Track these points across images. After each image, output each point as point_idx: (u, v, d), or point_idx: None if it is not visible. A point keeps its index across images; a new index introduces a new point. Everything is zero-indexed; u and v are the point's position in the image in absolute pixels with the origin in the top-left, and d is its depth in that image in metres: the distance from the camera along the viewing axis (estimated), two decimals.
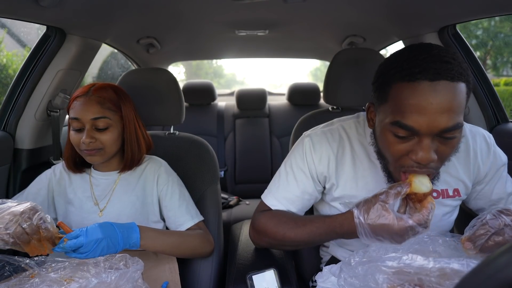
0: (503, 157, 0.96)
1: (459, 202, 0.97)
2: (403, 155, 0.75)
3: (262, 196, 1.03)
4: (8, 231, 0.76)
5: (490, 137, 0.96)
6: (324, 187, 0.99)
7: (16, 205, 0.81)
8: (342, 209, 0.96)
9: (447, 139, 0.72)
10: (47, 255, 0.84)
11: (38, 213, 0.81)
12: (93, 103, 1.02)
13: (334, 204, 0.98)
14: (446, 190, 0.93)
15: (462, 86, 0.69)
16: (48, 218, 0.83)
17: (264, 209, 1.01)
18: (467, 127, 0.96)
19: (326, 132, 0.97)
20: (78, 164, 1.13)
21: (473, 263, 0.66)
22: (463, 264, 0.66)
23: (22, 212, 0.78)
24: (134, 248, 0.92)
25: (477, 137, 0.94)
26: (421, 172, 0.75)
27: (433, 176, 0.81)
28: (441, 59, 0.69)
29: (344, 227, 0.82)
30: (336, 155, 0.94)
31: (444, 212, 0.95)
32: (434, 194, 0.93)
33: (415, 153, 0.73)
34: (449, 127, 0.69)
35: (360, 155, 0.94)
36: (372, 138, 0.89)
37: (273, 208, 0.99)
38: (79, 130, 1.02)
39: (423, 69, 0.68)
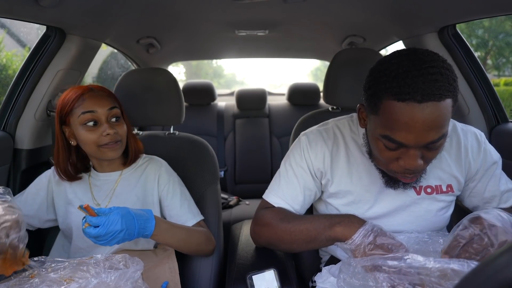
0: (495, 155, 0.98)
1: (453, 198, 0.99)
2: (392, 160, 0.81)
3: (264, 196, 1.04)
4: None
5: (481, 135, 0.99)
6: (321, 184, 1.01)
7: (1, 212, 0.79)
8: (341, 209, 0.98)
9: (433, 148, 0.78)
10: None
11: (17, 232, 0.79)
12: (104, 95, 1.04)
13: (330, 200, 1.00)
14: (440, 186, 0.96)
15: (448, 102, 0.73)
16: (26, 239, 0.81)
17: (265, 206, 1.03)
18: (459, 126, 0.99)
19: (321, 131, 1.02)
20: (72, 172, 1.09)
21: (473, 264, 0.67)
22: (463, 265, 0.66)
23: (2, 228, 0.77)
24: (146, 237, 0.92)
25: (468, 135, 0.98)
26: (409, 179, 0.83)
27: (420, 175, 0.87)
28: (430, 77, 0.71)
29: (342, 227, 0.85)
30: (331, 151, 0.98)
31: (438, 208, 0.96)
32: (428, 190, 0.96)
33: (403, 160, 0.79)
34: (434, 140, 0.75)
35: (354, 151, 0.98)
36: (365, 139, 0.93)
37: (276, 205, 1.01)
38: (94, 127, 1.00)
39: (412, 90, 0.71)
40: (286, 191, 1.00)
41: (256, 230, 1.03)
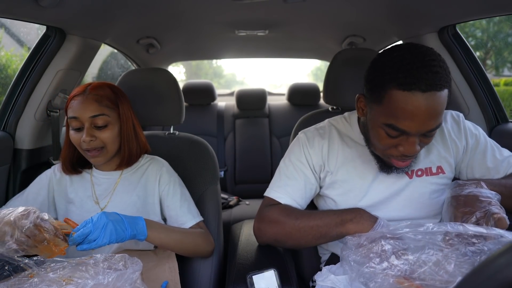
0: (473, 129, 1.03)
1: (445, 181, 1.01)
2: (391, 147, 0.87)
3: (266, 193, 1.06)
4: (13, 241, 0.78)
5: (458, 115, 1.05)
6: (320, 178, 1.04)
7: (9, 213, 0.82)
8: (336, 199, 1.01)
9: (429, 135, 0.85)
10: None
11: (33, 213, 0.82)
12: (90, 101, 1.02)
13: (327, 192, 1.03)
14: (430, 168, 1.00)
15: (446, 92, 0.80)
16: (46, 215, 0.83)
17: (269, 203, 1.04)
18: None
19: (318, 128, 1.09)
20: (76, 166, 1.13)
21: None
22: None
23: (15, 220, 0.80)
24: (142, 237, 0.92)
25: (447, 118, 1.04)
26: (405, 162, 0.89)
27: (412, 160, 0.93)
28: (431, 69, 0.78)
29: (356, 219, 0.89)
30: (328, 145, 1.04)
31: (431, 190, 0.99)
32: (419, 173, 0.99)
33: (403, 147, 0.85)
34: (433, 128, 0.82)
35: (348, 142, 1.03)
36: (362, 128, 1.00)
37: (277, 200, 1.02)
38: (79, 130, 1.03)
39: (416, 80, 0.77)
40: (288, 185, 1.02)
41: (262, 227, 1.03)
